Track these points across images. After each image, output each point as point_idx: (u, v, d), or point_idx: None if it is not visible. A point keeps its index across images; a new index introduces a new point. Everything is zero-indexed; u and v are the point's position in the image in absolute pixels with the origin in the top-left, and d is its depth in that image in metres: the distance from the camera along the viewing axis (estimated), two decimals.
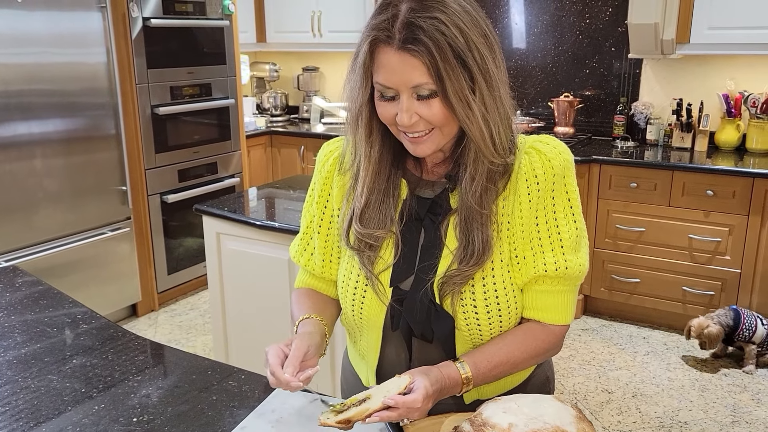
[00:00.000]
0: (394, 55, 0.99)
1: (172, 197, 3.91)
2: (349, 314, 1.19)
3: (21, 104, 3.14)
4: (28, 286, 1.78)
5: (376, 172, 1.11)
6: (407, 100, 1.00)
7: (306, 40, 4.75)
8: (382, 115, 1.05)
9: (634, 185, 3.45)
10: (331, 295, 1.28)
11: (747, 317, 3.08)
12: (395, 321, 1.13)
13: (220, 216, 2.58)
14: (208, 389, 1.27)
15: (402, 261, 1.12)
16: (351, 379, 1.33)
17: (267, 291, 2.55)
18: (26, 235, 3.24)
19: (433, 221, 1.11)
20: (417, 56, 0.97)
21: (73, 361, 1.37)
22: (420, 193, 1.14)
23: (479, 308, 1.08)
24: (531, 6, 4.16)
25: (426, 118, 1.01)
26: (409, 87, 1.00)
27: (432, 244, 1.10)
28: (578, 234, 1.10)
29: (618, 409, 2.85)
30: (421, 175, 1.15)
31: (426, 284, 1.09)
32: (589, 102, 4.10)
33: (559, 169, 1.07)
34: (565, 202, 1.08)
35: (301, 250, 1.28)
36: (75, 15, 3.31)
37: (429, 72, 0.98)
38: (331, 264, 1.25)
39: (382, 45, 1.00)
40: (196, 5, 3.92)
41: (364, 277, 1.14)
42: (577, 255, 1.09)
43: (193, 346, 3.50)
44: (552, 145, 1.09)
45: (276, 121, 5.09)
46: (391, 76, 1.00)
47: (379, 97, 1.04)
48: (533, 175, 1.06)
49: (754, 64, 3.61)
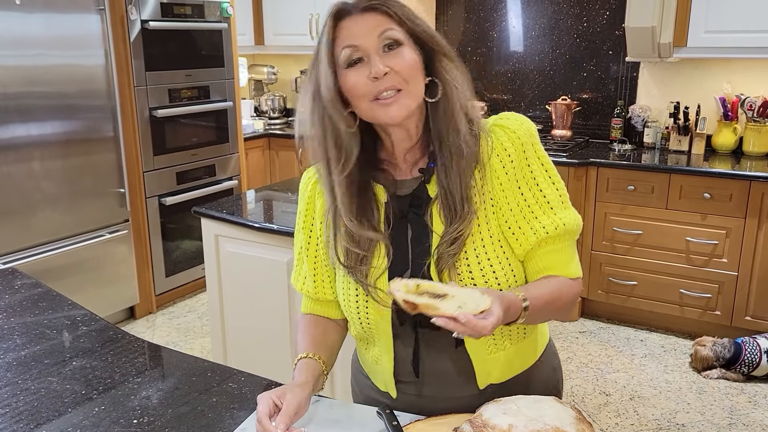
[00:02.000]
0: (357, 18, 1.07)
1: (170, 200, 3.91)
2: (357, 326, 1.20)
3: (19, 106, 3.14)
4: (27, 288, 1.78)
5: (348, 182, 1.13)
6: (377, 55, 1.05)
7: (304, 42, 4.75)
8: (353, 82, 1.07)
9: (631, 188, 3.46)
10: (333, 316, 1.30)
11: (749, 352, 3.03)
12: (401, 316, 1.14)
13: (218, 218, 2.58)
14: (208, 391, 1.27)
15: (395, 259, 1.14)
16: (363, 381, 1.32)
17: (265, 293, 2.55)
18: (24, 237, 3.24)
19: (417, 214, 1.14)
20: (379, 11, 1.07)
21: (73, 363, 1.37)
22: (399, 192, 1.17)
23: (477, 282, 1.10)
24: (528, 9, 4.17)
25: (397, 68, 1.05)
26: (375, 38, 1.05)
27: (420, 234, 1.13)
28: (560, 192, 1.14)
29: (616, 411, 2.86)
30: (395, 177, 1.18)
31: (423, 269, 1.11)
32: (587, 105, 4.11)
33: (526, 138, 1.12)
34: (539, 167, 1.13)
35: (297, 276, 1.31)
36: (73, 17, 3.31)
37: (393, 19, 1.07)
38: (324, 285, 1.27)
39: (342, 18, 1.07)
40: (194, 8, 3.92)
41: (362, 290, 1.15)
42: (567, 211, 1.14)
43: (191, 348, 3.50)
44: (513, 119, 1.14)
45: (274, 123, 5.09)
46: (356, 35, 1.06)
47: (346, 66, 1.07)
48: (503, 149, 1.11)
49: (750, 67, 3.63)
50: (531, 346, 1.24)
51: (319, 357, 1.20)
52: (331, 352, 1.27)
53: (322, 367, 1.20)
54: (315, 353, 1.21)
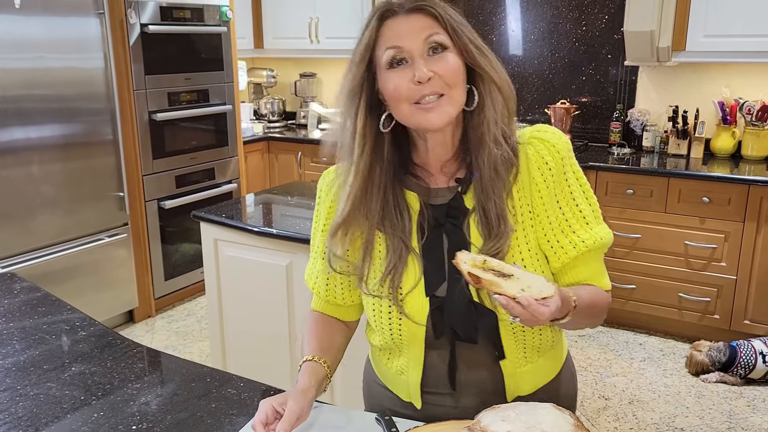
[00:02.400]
0: (403, 19, 1.06)
1: (170, 203, 3.91)
2: (387, 337, 1.18)
3: (18, 109, 3.14)
4: (26, 292, 1.78)
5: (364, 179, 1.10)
6: (421, 58, 1.04)
7: (303, 46, 4.76)
8: (395, 84, 1.05)
9: (630, 192, 3.47)
10: (342, 318, 1.30)
11: (744, 355, 3.03)
12: (438, 329, 1.12)
13: (217, 222, 2.58)
14: (207, 396, 1.27)
15: (431, 270, 1.12)
16: (377, 390, 1.30)
17: (264, 297, 2.55)
18: (23, 241, 3.24)
19: (455, 224, 1.12)
20: (427, 13, 1.06)
21: (72, 369, 1.37)
22: (432, 201, 1.15)
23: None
24: (528, 13, 4.18)
25: (440, 72, 1.04)
26: (421, 41, 1.04)
27: (458, 245, 1.10)
28: (593, 208, 1.15)
29: (615, 415, 2.86)
30: (428, 184, 1.16)
31: (461, 283, 1.09)
32: (586, 109, 4.12)
33: (564, 152, 1.12)
34: (575, 182, 1.13)
35: (310, 273, 1.30)
36: (73, 20, 3.32)
37: (440, 24, 1.06)
38: (336, 290, 1.26)
39: (388, 17, 1.06)
40: (193, 12, 3.93)
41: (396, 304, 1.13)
42: (601, 226, 1.14)
43: (190, 352, 3.50)
44: (551, 132, 1.14)
45: (273, 127, 5.09)
46: (401, 36, 1.05)
47: (388, 67, 1.06)
48: (544, 162, 1.10)
49: (749, 71, 3.63)
50: (556, 357, 1.24)
51: (324, 361, 1.20)
52: (337, 355, 1.27)
53: (326, 372, 1.19)
54: (320, 357, 1.20)
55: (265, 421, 1.06)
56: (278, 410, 1.08)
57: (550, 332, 1.18)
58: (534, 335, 1.14)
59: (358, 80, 1.08)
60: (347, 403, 2.07)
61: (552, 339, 1.19)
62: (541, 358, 1.19)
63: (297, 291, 2.45)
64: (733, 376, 3.06)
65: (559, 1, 4.06)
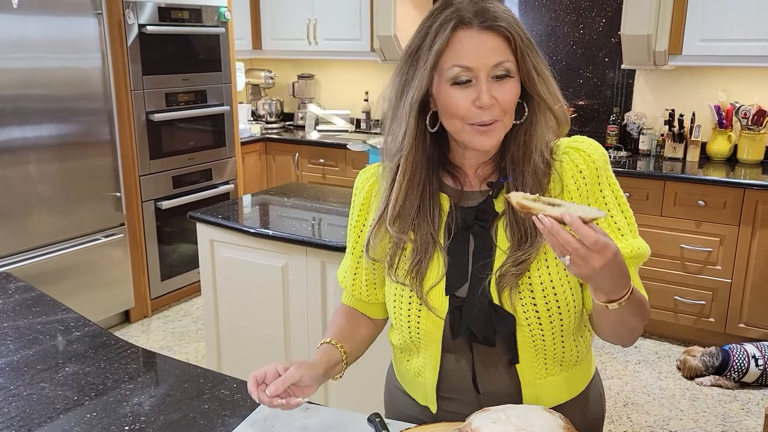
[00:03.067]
0: (476, 35, 1.03)
1: (167, 204, 3.92)
2: (405, 334, 1.18)
3: (15, 109, 3.14)
4: (20, 292, 1.79)
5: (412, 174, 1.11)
6: (486, 82, 1.03)
7: (301, 47, 4.77)
8: (455, 103, 1.04)
9: (626, 195, 3.47)
10: (371, 315, 1.31)
11: (737, 359, 3.04)
12: (455, 329, 1.12)
13: (214, 223, 2.58)
14: (200, 397, 1.27)
15: (454, 270, 1.12)
16: (399, 396, 1.30)
17: (260, 299, 2.55)
18: (20, 240, 3.24)
19: (483, 227, 1.12)
20: (500, 35, 1.03)
21: (66, 369, 1.38)
22: (463, 204, 1.15)
23: (539, 304, 1.08)
24: (525, 16, 4.19)
25: (501, 100, 1.03)
26: (490, 66, 1.02)
27: (484, 248, 1.11)
28: (629, 221, 1.12)
29: (609, 418, 2.86)
30: (462, 187, 1.16)
31: (483, 284, 1.09)
32: (583, 112, 4.12)
33: (600, 163, 1.11)
34: (610, 194, 1.11)
35: (342, 268, 1.33)
36: (70, 20, 3.32)
37: (511, 49, 1.04)
38: (362, 286, 1.28)
39: (462, 28, 1.03)
40: (192, 12, 3.93)
41: (416, 296, 1.13)
42: (637, 239, 1.11)
43: (186, 352, 3.49)
44: (587, 143, 1.13)
45: (271, 128, 5.10)
46: (471, 56, 1.02)
47: (451, 83, 1.04)
48: (578, 171, 1.09)
49: (745, 75, 3.64)
50: (582, 373, 1.21)
51: (341, 346, 1.21)
52: (359, 345, 1.28)
53: (342, 356, 1.20)
54: (338, 342, 1.22)
55: (262, 379, 1.07)
56: (280, 372, 1.08)
57: (574, 346, 1.15)
58: (555, 345, 1.12)
59: (423, 89, 1.06)
60: (341, 406, 2.07)
61: (576, 353, 1.16)
62: (564, 372, 1.16)
63: (293, 292, 2.46)
64: (728, 380, 3.06)
65: (557, 5, 4.08)
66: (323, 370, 1.15)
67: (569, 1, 4.03)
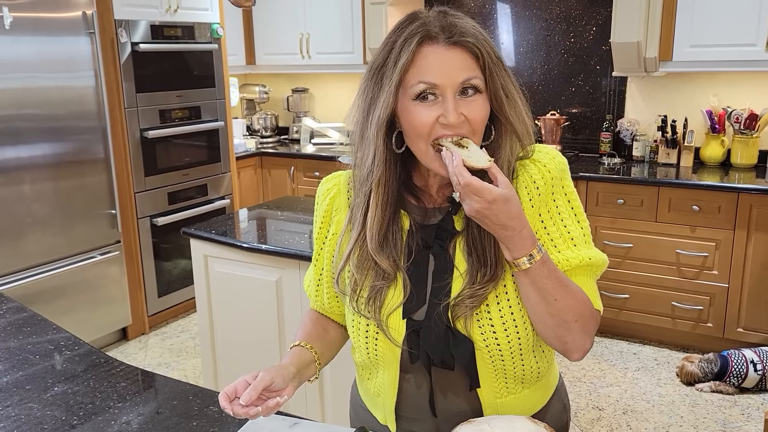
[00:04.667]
0: (443, 51, 1.00)
1: (162, 220, 3.92)
2: (363, 355, 1.16)
3: (9, 129, 3.15)
4: (11, 312, 1.78)
5: (384, 201, 1.08)
6: (453, 99, 0.99)
7: (295, 62, 4.79)
8: (420, 120, 1.00)
9: (620, 201, 3.48)
10: (339, 321, 1.30)
11: (736, 365, 3.03)
12: (413, 354, 1.10)
13: (207, 239, 2.58)
14: (188, 414, 1.27)
15: (412, 293, 1.09)
16: (362, 414, 1.28)
17: (255, 313, 2.55)
18: (15, 260, 3.24)
19: (442, 246, 1.09)
20: (467, 51, 1.00)
21: (55, 389, 1.37)
22: (426, 222, 1.12)
23: (497, 327, 1.06)
24: (517, 25, 4.21)
25: (470, 118, 1.00)
26: (457, 83, 0.99)
27: (442, 269, 1.08)
28: (584, 231, 1.11)
29: (609, 426, 2.85)
30: (425, 204, 1.13)
31: (439, 309, 1.06)
32: (576, 119, 4.14)
33: (556, 172, 1.09)
34: (565, 203, 1.10)
35: (307, 275, 1.32)
36: (63, 40, 3.34)
37: (478, 65, 1.01)
38: (323, 298, 1.27)
39: (428, 43, 1.00)
40: (184, 29, 3.95)
41: (374, 324, 1.11)
42: (591, 249, 1.10)
43: (184, 369, 3.48)
44: (545, 152, 1.11)
45: (266, 142, 5.11)
46: (438, 72, 0.99)
47: (416, 100, 1.00)
48: (532, 181, 1.07)
49: (736, 80, 3.66)
50: (543, 388, 1.20)
51: (311, 347, 1.19)
52: (330, 346, 1.26)
53: (314, 356, 1.18)
54: (307, 343, 1.20)
55: (233, 394, 1.03)
56: (249, 383, 1.04)
57: (534, 362, 1.13)
58: (515, 365, 1.10)
59: (388, 109, 1.02)
60: (339, 422, 2.06)
61: (537, 370, 1.15)
62: (525, 390, 1.15)
63: (287, 306, 2.45)
64: (728, 385, 3.05)
65: (548, 14, 4.10)
66: (295, 369, 1.12)
67: (560, 9, 4.05)
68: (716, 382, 3.07)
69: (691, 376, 3.12)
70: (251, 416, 1.04)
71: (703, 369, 3.10)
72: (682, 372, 3.15)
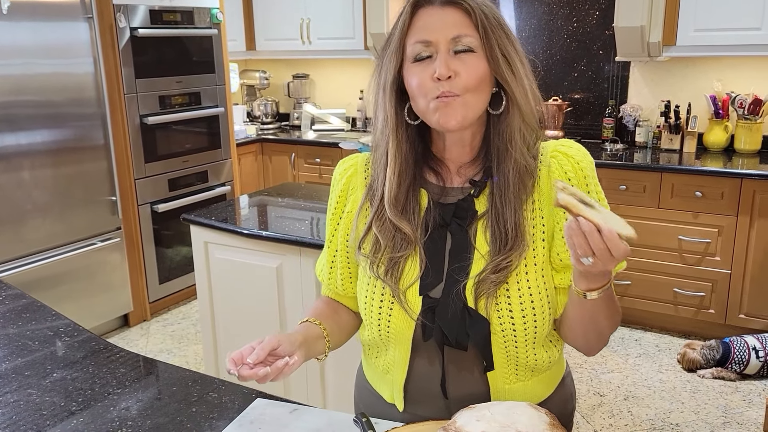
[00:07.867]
0: (437, 11, 1.03)
1: (163, 206, 3.91)
2: (374, 331, 1.15)
3: (8, 116, 3.13)
4: (11, 299, 1.78)
5: (401, 170, 1.10)
6: (445, 55, 1.02)
7: (295, 47, 4.76)
8: (417, 80, 1.03)
9: (623, 188, 3.46)
10: (351, 307, 1.28)
11: (738, 351, 3.03)
12: (427, 330, 1.09)
13: (207, 225, 2.57)
14: (187, 401, 1.26)
15: (430, 269, 1.09)
16: (368, 397, 1.28)
17: (256, 300, 2.54)
18: (15, 247, 3.23)
19: (461, 225, 1.09)
20: (461, 9, 1.02)
21: (54, 375, 1.37)
22: (443, 200, 1.13)
23: (515, 312, 1.05)
24: (519, 10, 4.17)
25: (462, 74, 1.01)
26: (448, 38, 1.01)
27: (461, 248, 1.08)
28: None
29: (610, 412, 2.85)
30: (444, 183, 1.14)
31: (458, 287, 1.07)
32: (578, 105, 4.11)
33: (588, 171, 1.09)
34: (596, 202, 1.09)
35: (320, 260, 1.31)
36: (61, 25, 3.31)
37: (472, 23, 1.02)
38: (337, 280, 1.26)
39: (423, 6, 1.04)
40: (184, 14, 3.92)
41: (389, 293, 1.11)
42: None
43: (185, 355, 3.49)
44: (576, 148, 1.11)
45: (267, 128, 5.09)
46: (431, 30, 1.02)
47: (413, 61, 1.04)
48: (566, 178, 1.07)
49: (740, 65, 3.62)
50: (550, 378, 1.20)
51: (320, 323, 1.18)
52: (339, 328, 1.24)
53: (322, 332, 1.17)
54: (316, 319, 1.19)
55: (240, 360, 1.02)
56: (255, 348, 1.04)
57: (546, 354, 1.14)
58: (528, 353, 1.10)
59: (392, 71, 1.07)
60: (340, 409, 2.06)
61: (549, 360, 1.15)
62: (534, 378, 1.15)
63: (288, 292, 2.45)
64: (730, 371, 3.05)
65: None
66: (302, 338, 1.11)
67: None
68: (718, 369, 3.07)
69: (692, 363, 3.12)
70: (260, 378, 1.01)
71: (704, 355, 3.09)
72: (684, 358, 3.15)
